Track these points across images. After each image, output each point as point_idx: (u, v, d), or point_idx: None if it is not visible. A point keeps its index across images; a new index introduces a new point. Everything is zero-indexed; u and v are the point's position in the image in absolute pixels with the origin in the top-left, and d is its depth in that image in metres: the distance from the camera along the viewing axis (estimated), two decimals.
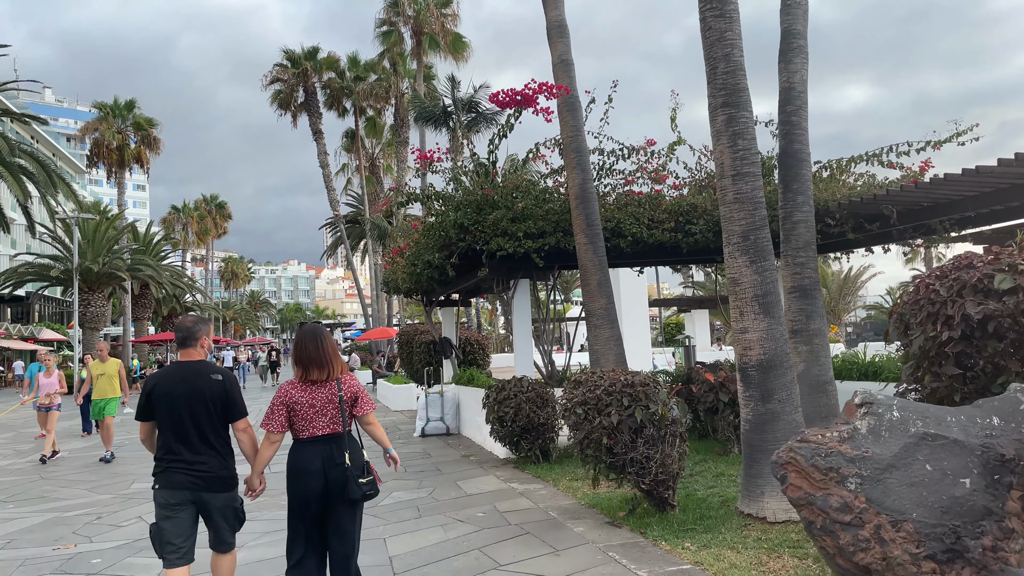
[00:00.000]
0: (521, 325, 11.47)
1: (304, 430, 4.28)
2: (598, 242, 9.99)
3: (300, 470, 4.24)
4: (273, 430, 4.27)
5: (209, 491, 4.28)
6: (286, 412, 4.30)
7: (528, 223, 10.46)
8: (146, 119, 47.52)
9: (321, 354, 4.36)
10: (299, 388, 4.32)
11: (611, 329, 9.94)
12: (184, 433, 4.26)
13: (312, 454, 4.24)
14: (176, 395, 4.27)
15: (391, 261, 14.89)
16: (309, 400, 4.28)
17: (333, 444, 4.28)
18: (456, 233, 10.70)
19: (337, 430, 4.30)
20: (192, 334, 4.40)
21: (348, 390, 4.39)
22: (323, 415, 4.28)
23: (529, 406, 9.68)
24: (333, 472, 4.22)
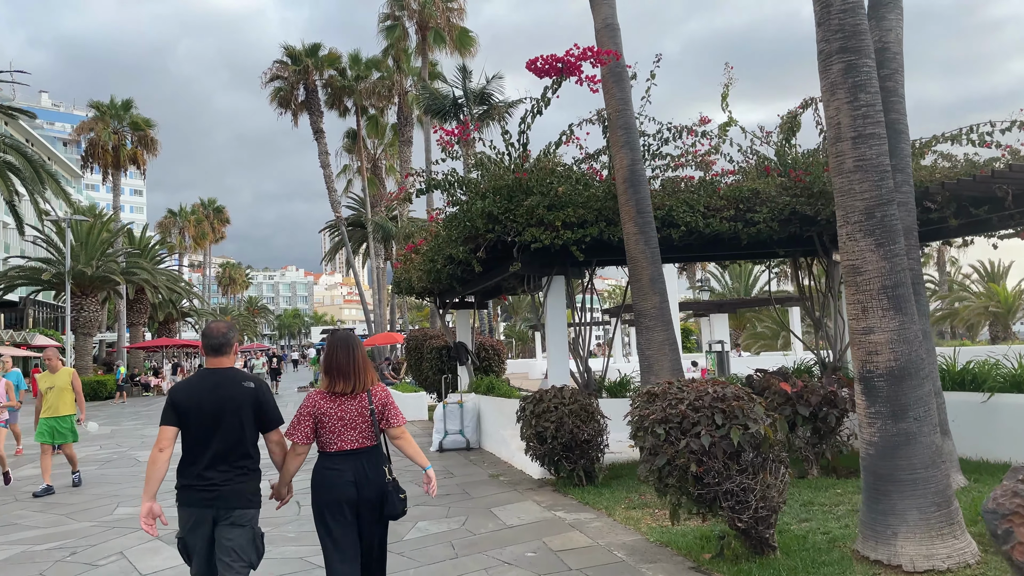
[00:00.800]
0: (556, 328, 10.19)
1: (332, 443, 4.07)
2: (650, 231, 8.72)
3: (331, 483, 4.02)
4: (299, 441, 4.09)
5: (228, 507, 3.95)
6: (312, 423, 4.10)
7: (567, 211, 9.18)
8: (143, 119, 46.29)
9: (350, 364, 4.14)
10: (327, 399, 4.11)
11: (665, 331, 8.67)
12: (210, 445, 3.98)
13: (343, 467, 4.03)
14: (204, 404, 4.00)
15: (405, 259, 13.61)
16: (338, 412, 4.08)
17: (364, 458, 4.07)
18: (484, 223, 9.42)
19: (366, 444, 4.09)
20: (228, 341, 4.16)
21: (379, 402, 4.17)
22: (353, 428, 4.08)
23: (573, 420, 8.40)
24: (367, 489, 4.02)
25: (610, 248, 9.82)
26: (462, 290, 13.05)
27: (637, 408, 5.88)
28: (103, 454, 14.54)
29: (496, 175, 9.81)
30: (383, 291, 41.60)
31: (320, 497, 4.06)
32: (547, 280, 10.15)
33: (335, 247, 49.42)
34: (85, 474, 11.65)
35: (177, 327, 61.85)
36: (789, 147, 10.27)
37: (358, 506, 4.02)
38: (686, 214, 9.28)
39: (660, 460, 5.46)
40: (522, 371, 33.35)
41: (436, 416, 12.73)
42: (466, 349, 15.44)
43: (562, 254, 9.77)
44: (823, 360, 10.52)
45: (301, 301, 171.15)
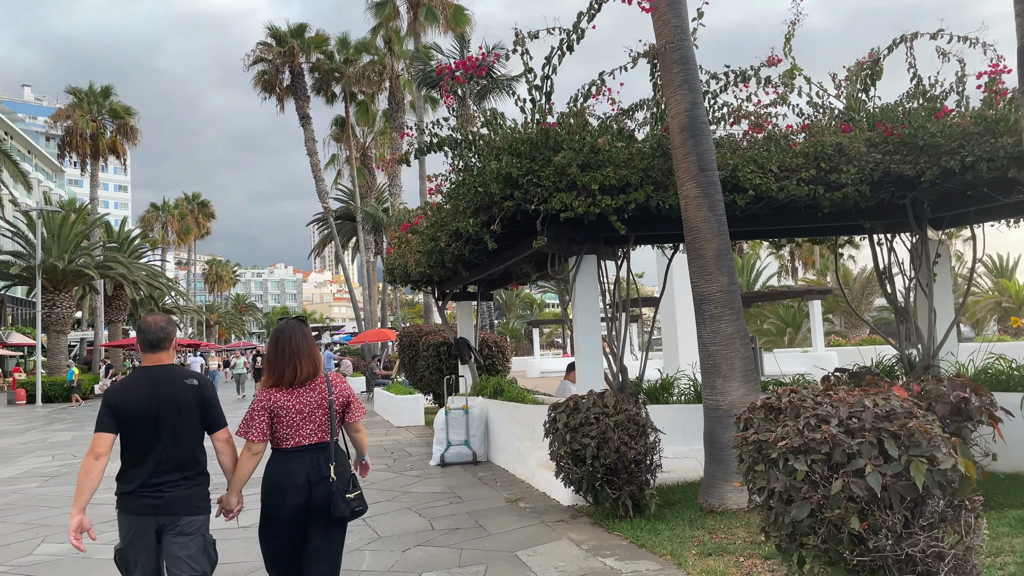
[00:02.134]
0: (586, 319, 8.31)
1: (288, 439, 3.84)
2: (715, 194, 6.86)
3: (282, 485, 3.77)
4: (254, 438, 3.81)
5: (174, 514, 3.64)
6: (268, 419, 3.83)
7: (606, 171, 7.30)
8: (123, 107, 44.01)
9: (300, 352, 3.87)
10: (283, 392, 3.86)
11: (735, 322, 6.80)
12: (153, 448, 3.68)
13: (297, 466, 3.78)
14: (145, 405, 3.69)
15: (399, 241, 11.69)
16: (296, 404, 3.84)
17: (320, 455, 3.83)
18: (500, 189, 7.54)
19: (324, 439, 3.86)
20: (167, 336, 3.84)
21: (340, 394, 3.97)
22: (311, 421, 3.85)
23: (619, 435, 6.54)
24: (319, 488, 3.75)
25: (656, 219, 7.96)
26: (468, 276, 11.14)
27: (755, 430, 4.00)
28: (52, 466, 12.57)
29: (513, 131, 7.92)
30: (373, 287, 39.63)
31: (268, 503, 3.83)
32: (576, 260, 8.27)
33: (323, 241, 47.39)
34: (24, 492, 9.73)
35: None
36: (868, 98, 8.42)
37: (309, 510, 3.77)
38: (754, 175, 7.41)
39: (799, 511, 3.58)
40: (519, 369, 31.52)
41: (437, 424, 10.83)
42: (469, 346, 13.55)
43: (596, 227, 7.91)
44: (909, 358, 8.68)
45: (290, 299, 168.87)
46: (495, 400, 10.83)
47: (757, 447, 3.85)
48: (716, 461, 6.76)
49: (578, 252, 8.27)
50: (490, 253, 9.46)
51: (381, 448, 12.83)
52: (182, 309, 61.20)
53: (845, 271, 48.88)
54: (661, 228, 8.10)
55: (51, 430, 19.16)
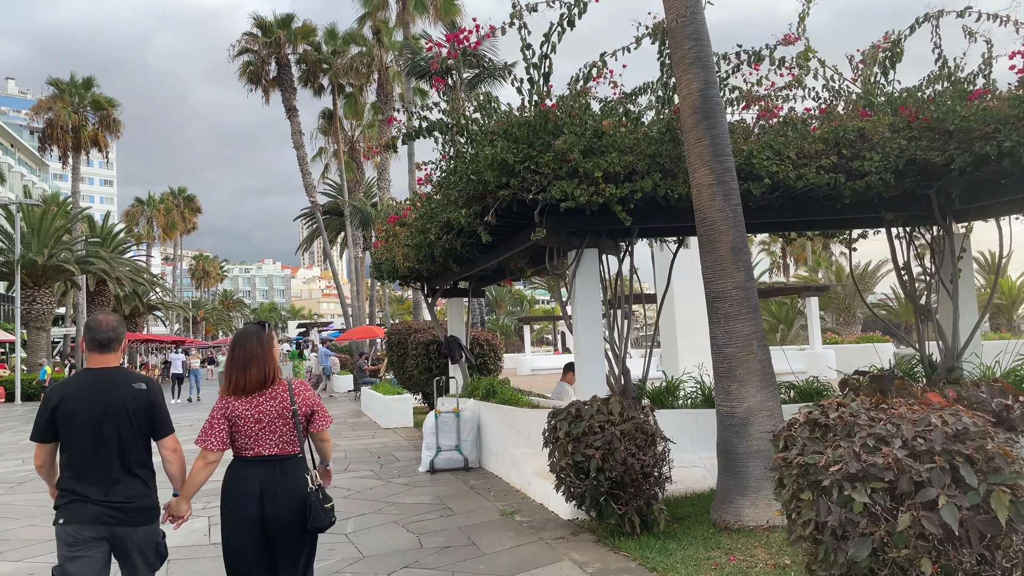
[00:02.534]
0: (587, 317, 7.73)
1: (248, 448, 3.69)
2: (730, 182, 6.28)
3: (238, 492, 3.66)
4: (211, 448, 3.66)
5: (128, 525, 3.52)
6: (228, 427, 3.70)
7: (611, 157, 6.72)
8: (105, 98, 43.14)
9: (253, 358, 3.75)
10: (241, 399, 3.72)
11: (752, 322, 6.24)
12: (99, 455, 3.51)
13: (251, 476, 3.66)
14: (90, 409, 3.51)
15: (386, 235, 11.06)
16: (253, 413, 3.70)
17: (278, 466, 3.69)
18: (495, 176, 6.94)
19: (288, 451, 3.73)
20: (118, 336, 3.68)
21: (303, 403, 3.81)
22: (270, 431, 3.70)
23: (626, 445, 5.96)
24: (275, 502, 3.62)
25: (663, 210, 7.38)
26: (459, 271, 10.54)
27: (799, 452, 3.42)
28: (22, 471, 11.90)
29: (509, 115, 7.33)
30: (362, 283, 38.93)
31: (226, 512, 3.71)
32: (576, 254, 7.68)
33: (311, 236, 46.59)
34: None
35: (144, 321, 58.74)
36: (887, 82, 7.86)
37: (264, 524, 3.64)
38: (770, 162, 6.84)
39: (858, 550, 3.01)
40: (510, 367, 30.94)
41: (426, 428, 10.23)
42: (460, 344, 12.95)
43: (599, 218, 7.33)
44: (929, 359, 8.15)
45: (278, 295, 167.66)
46: (488, 403, 10.25)
47: (803, 472, 3.27)
48: (731, 473, 6.20)
49: (578, 246, 7.69)
50: (483, 247, 8.88)
51: (368, 452, 12.23)
52: (167, 305, 60.25)
53: (838, 268, 48.58)
54: (668, 220, 7.53)
55: (27, 431, 18.44)
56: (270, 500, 3.63)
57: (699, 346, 13.95)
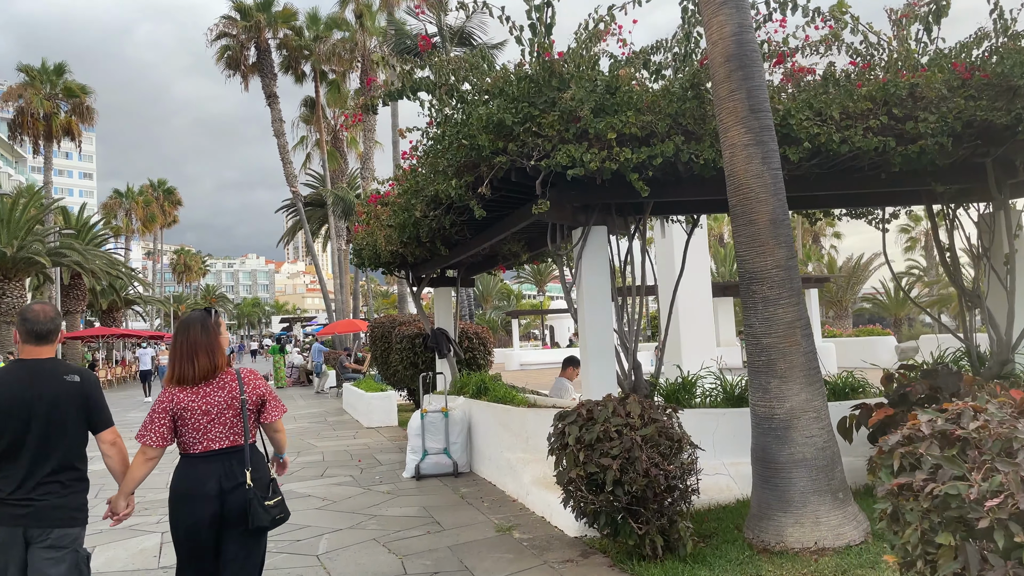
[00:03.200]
0: (595, 303, 6.77)
1: (196, 443, 3.54)
2: (769, 142, 5.34)
3: (189, 494, 3.48)
4: (151, 443, 3.51)
5: (45, 525, 3.30)
6: (171, 422, 3.55)
7: (627, 115, 5.77)
8: (78, 85, 41.82)
9: (200, 346, 3.59)
10: (187, 391, 3.56)
11: (795, 307, 5.30)
12: (26, 452, 3.35)
13: (206, 473, 3.49)
14: (17, 403, 3.35)
15: (367, 217, 10.04)
16: (202, 405, 3.54)
17: (233, 460, 3.55)
18: (490, 140, 5.97)
19: (238, 442, 3.58)
20: (55, 328, 3.55)
21: (253, 391, 3.67)
22: (220, 423, 3.56)
23: (648, 454, 5.01)
24: (232, 496, 3.47)
25: (683, 181, 6.44)
26: (448, 256, 9.54)
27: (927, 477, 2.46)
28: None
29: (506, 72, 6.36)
30: (345, 276, 37.83)
31: (177, 516, 3.50)
32: (583, 233, 6.72)
33: (293, 228, 45.37)
34: None
35: (123, 315, 57.31)
36: (930, 40, 6.94)
37: (221, 523, 3.46)
38: (811, 123, 5.90)
39: None
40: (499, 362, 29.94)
41: (411, 430, 9.24)
42: (447, 338, 11.97)
43: (610, 190, 6.38)
44: (977, 352, 7.25)
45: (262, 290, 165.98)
46: (479, 401, 9.28)
47: (940, 505, 2.32)
48: (770, 486, 5.27)
49: (585, 223, 6.73)
50: (475, 226, 7.91)
51: (348, 455, 11.23)
52: (146, 299, 58.84)
53: (830, 260, 47.92)
54: (689, 192, 6.58)
55: None
56: (229, 497, 3.46)
57: (702, 339, 13.09)
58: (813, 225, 12.18)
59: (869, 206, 7.90)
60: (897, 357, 21.55)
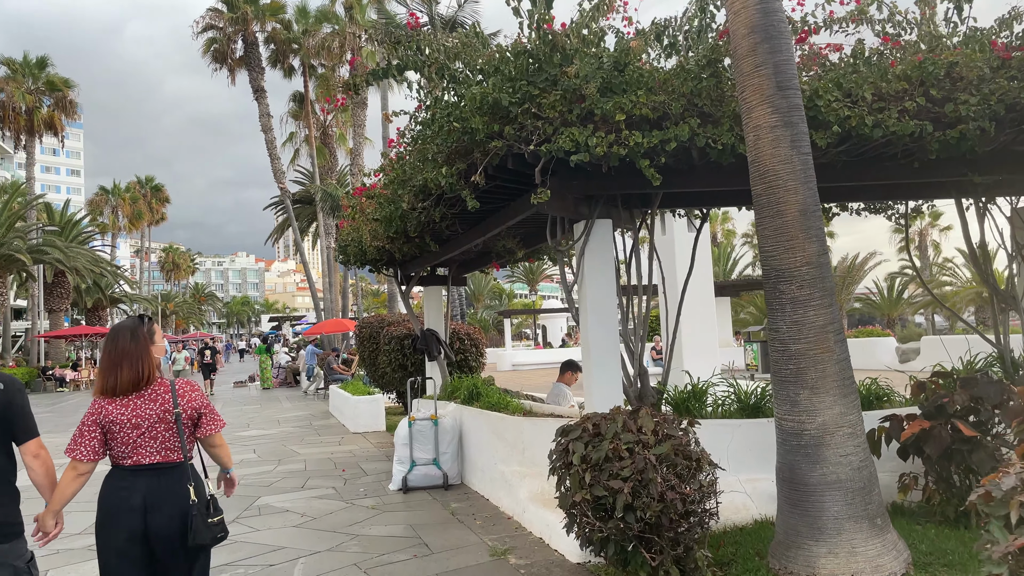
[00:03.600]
0: (599, 304, 6.17)
1: (126, 457, 3.38)
2: (798, 123, 4.76)
3: (115, 508, 3.34)
4: (81, 458, 3.35)
5: None
6: (101, 435, 3.40)
7: (638, 95, 5.17)
8: (61, 79, 40.94)
9: (127, 355, 3.43)
10: (115, 403, 3.41)
11: (828, 310, 4.72)
12: None
13: (133, 486, 3.34)
14: None
15: (352, 211, 9.42)
16: (131, 418, 3.38)
17: (163, 476, 3.39)
18: (485, 123, 5.37)
19: (171, 458, 3.42)
20: None
21: (188, 405, 3.52)
22: (152, 438, 3.40)
23: (664, 475, 4.43)
24: (159, 513, 3.32)
25: (697, 170, 5.85)
26: (439, 252, 8.92)
27: None
28: None
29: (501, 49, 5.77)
30: (334, 274, 37.13)
31: (102, 531, 3.36)
32: (586, 227, 6.13)
33: (282, 225, 44.61)
34: None
35: (108, 314, 56.40)
36: (960, 20, 6.37)
37: (149, 541, 3.31)
38: (839, 104, 5.32)
39: None
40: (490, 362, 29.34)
41: (399, 439, 8.63)
42: (438, 339, 11.36)
43: (616, 179, 5.80)
44: (1010, 357, 6.69)
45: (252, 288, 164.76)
46: (471, 407, 8.68)
47: None
48: (799, 509, 4.68)
49: (588, 216, 6.14)
50: (468, 219, 7.32)
51: (331, 463, 10.61)
52: (132, 298, 57.93)
53: None
54: (703, 182, 5.98)
55: None
56: (154, 512, 3.32)
57: (705, 341, 12.50)
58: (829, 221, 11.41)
59: (896, 199, 7.33)
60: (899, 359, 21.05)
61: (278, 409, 19.50)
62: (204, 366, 25.33)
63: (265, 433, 14.38)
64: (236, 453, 11.82)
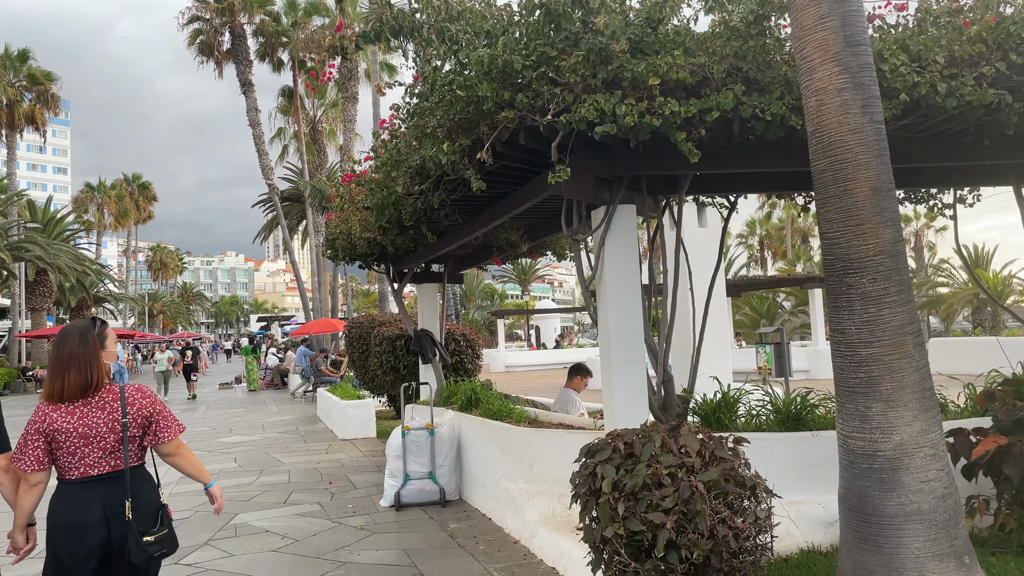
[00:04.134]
0: (622, 299, 5.41)
1: (73, 468, 3.21)
2: (870, 84, 4.00)
3: (70, 524, 3.14)
4: (28, 468, 3.19)
5: None
6: (45, 443, 3.21)
7: (675, 55, 4.41)
8: (43, 72, 39.97)
9: (74, 359, 3.24)
10: (61, 410, 3.23)
11: (905, 307, 3.97)
12: None
13: (87, 500, 3.17)
14: None
15: (341, 201, 8.63)
16: (78, 427, 3.20)
17: (119, 487, 3.23)
18: (493, 90, 4.61)
19: (120, 467, 3.26)
20: None
21: (137, 412, 3.32)
22: (99, 447, 3.23)
23: (714, 506, 3.67)
24: (121, 529, 3.17)
25: (734, 147, 5.09)
26: (435, 244, 8.13)
27: None
28: None
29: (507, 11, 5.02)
30: (324, 273, 36.28)
31: (58, 549, 3.14)
32: (606, 212, 5.37)
33: (270, 224, 43.75)
34: None
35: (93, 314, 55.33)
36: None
37: (111, 557, 3.17)
38: (908, 70, 4.58)
39: None
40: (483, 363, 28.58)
41: (391, 450, 7.85)
42: (432, 340, 10.59)
43: (644, 157, 5.05)
44: None
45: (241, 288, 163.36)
46: (469, 415, 7.91)
47: None
48: (870, 545, 3.93)
49: (609, 200, 5.38)
50: (469, 208, 6.59)
51: (317, 474, 9.81)
52: (118, 297, 56.84)
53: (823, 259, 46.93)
54: (740, 162, 5.22)
55: None
56: (117, 526, 3.16)
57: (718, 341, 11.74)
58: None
59: (946, 185, 6.58)
60: None
61: (263, 413, 18.66)
62: (186, 367, 24.38)
63: (248, 439, 13.55)
64: (216, 462, 11.02)
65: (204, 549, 6.45)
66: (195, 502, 7.99)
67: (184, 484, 9.21)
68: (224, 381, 30.37)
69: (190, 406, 20.76)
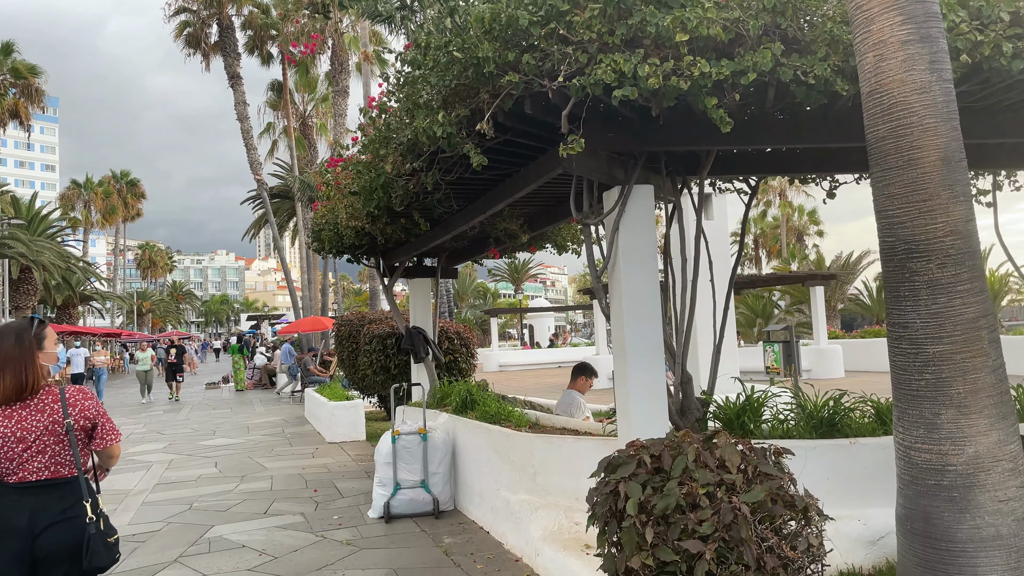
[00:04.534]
0: (638, 291, 4.84)
1: (10, 473, 3.07)
2: (938, 37, 3.44)
3: None
4: None
5: None
6: None
7: (705, 7, 3.83)
8: (27, 66, 39.10)
9: (23, 356, 3.12)
10: None
11: (979, 297, 3.41)
12: None
13: (18, 506, 3.04)
14: None
15: (327, 189, 8.03)
16: (15, 431, 3.08)
17: (54, 494, 3.10)
18: (496, 50, 4.03)
19: (62, 473, 3.13)
20: None
21: (80, 415, 3.20)
22: (38, 451, 3.10)
23: (762, 532, 3.09)
24: (48, 534, 3.02)
25: (767, 118, 4.52)
26: (429, 234, 7.53)
27: None
28: None
29: None
30: (314, 270, 35.58)
31: None
32: (621, 193, 4.79)
33: (259, 221, 42.99)
34: None
35: (80, 312, 54.47)
36: None
37: (35, 564, 3.02)
38: (968, 27, 4.02)
39: None
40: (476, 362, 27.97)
41: (380, 457, 7.25)
42: (425, 338, 9.99)
43: (664, 128, 4.47)
44: None
45: (232, 287, 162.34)
46: (465, 418, 7.32)
47: None
48: (938, 574, 3.36)
49: (624, 180, 4.80)
50: (466, 193, 5.99)
51: (302, 480, 9.20)
52: (105, 295, 56.00)
53: (819, 258, 46.50)
54: (773, 136, 4.65)
55: None
56: (44, 533, 3.01)
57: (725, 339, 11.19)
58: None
59: (989, 167, 6.03)
60: None
61: (249, 414, 18.01)
62: (170, 366, 23.59)
63: (231, 442, 12.92)
64: (196, 467, 10.41)
65: (173, 567, 5.85)
66: (168, 512, 7.37)
67: (157, 492, 8.60)
68: (211, 381, 29.67)
69: (173, 407, 20.07)
